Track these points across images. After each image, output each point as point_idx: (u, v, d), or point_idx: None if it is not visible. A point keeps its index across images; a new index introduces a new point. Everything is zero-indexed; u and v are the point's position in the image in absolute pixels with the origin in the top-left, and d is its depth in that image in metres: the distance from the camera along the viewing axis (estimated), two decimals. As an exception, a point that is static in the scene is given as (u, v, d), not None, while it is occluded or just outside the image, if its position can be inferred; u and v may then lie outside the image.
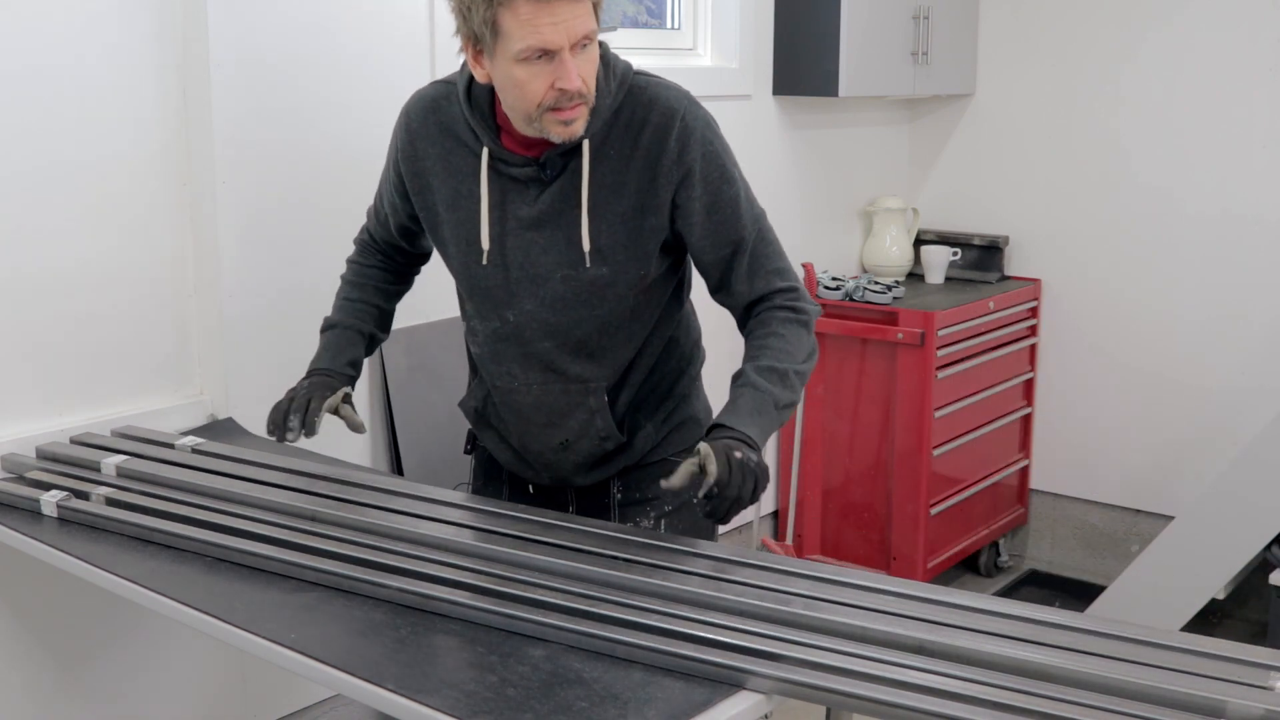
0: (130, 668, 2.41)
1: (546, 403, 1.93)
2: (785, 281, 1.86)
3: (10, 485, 2.06)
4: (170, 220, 2.40)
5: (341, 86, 2.55)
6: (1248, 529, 3.33)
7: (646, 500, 2.00)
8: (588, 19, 1.68)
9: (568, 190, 1.81)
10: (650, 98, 1.82)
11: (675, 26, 3.56)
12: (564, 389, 1.91)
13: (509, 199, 1.83)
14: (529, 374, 1.92)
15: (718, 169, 1.83)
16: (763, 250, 1.86)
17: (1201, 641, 1.41)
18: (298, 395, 1.96)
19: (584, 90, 1.71)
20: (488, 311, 1.91)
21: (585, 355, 1.89)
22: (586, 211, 1.80)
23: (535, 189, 1.82)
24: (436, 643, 1.52)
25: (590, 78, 1.72)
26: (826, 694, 1.36)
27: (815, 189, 3.95)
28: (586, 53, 1.70)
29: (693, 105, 1.84)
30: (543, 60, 1.67)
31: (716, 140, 1.85)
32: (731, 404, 1.77)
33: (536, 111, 1.72)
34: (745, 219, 1.85)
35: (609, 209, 1.81)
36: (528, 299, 1.86)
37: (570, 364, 1.90)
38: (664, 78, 1.87)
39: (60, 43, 2.19)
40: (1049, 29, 4.03)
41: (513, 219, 1.83)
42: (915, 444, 3.66)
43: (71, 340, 2.28)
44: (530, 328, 1.88)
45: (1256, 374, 3.75)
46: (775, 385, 1.77)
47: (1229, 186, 3.75)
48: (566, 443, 1.95)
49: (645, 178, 1.80)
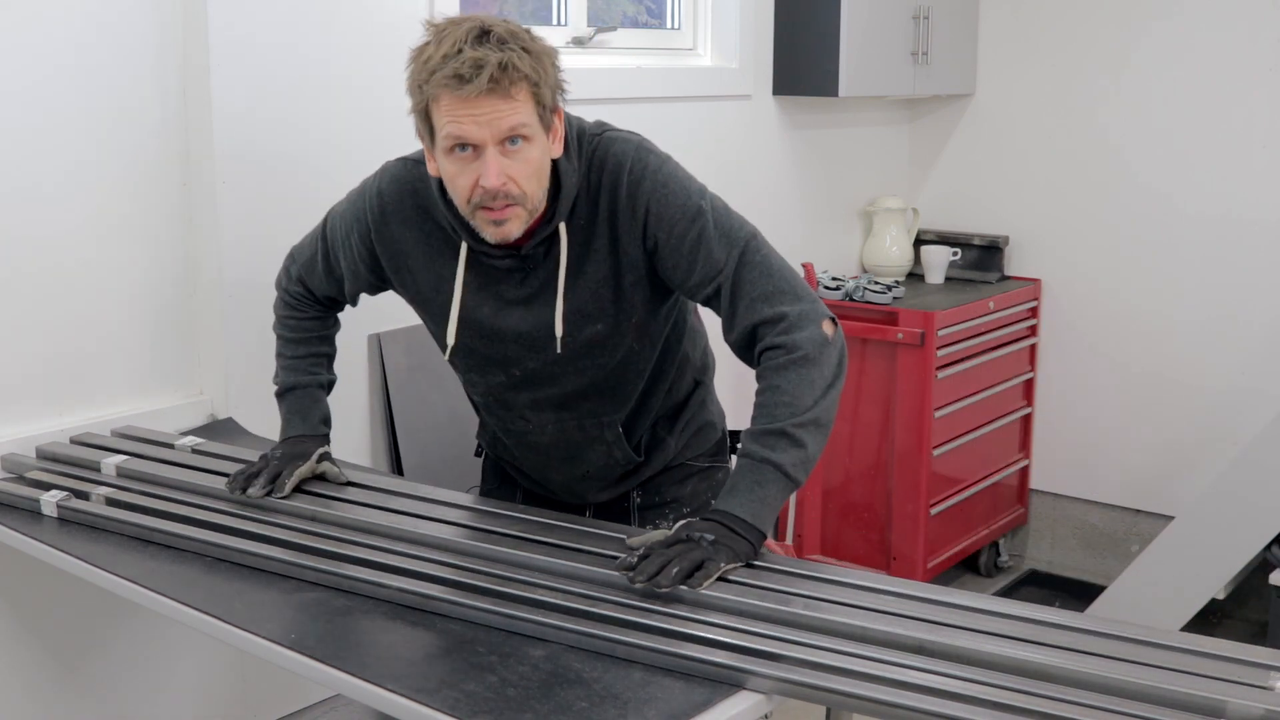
0: (130, 668, 2.41)
1: (562, 440, 1.93)
2: (772, 309, 1.72)
3: (10, 485, 2.06)
4: (170, 220, 2.40)
5: (342, 87, 2.55)
6: (1248, 529, 3.32)
7: (665, 504, 2.00)
8: (516, 114, 1.61)
9: (549, 274, 1.78)
10: (601, 158, 1.76)
11: (675, 26, 3.56)
12: (579, 426, 1.91)
13: (494, 281, 1.81)
14: (541, 416, 1.91)
15: (676, 208, 1.74)
16: (745, 275, 1.73)
17: (1201, 641, 1.41)
18: (269, 464, 1.92)
19: (509, 190, 1.64)
20: (489, 370, 1.90)
21: (596, 395, 1.88)
22: (562, 297, 1.77)
23: (518, 275, 1.80)
24: (437, 643, 1.52)
25: (525, 178, 1.65)
26: (826, 694, 1.36)
27: (815, 189, 3.95)
28: (520, 151, 1.63)
29: (640, 152, 1.77)
30: (469, 154, 1.64)
31: (669, 179, 1.76)
32: (730, 483, 1.67)
33: (469, 208, 1.68)
34: (719, 248, 1.74)
35: (590, 278, 1.78)
36: (530, 360, 1.85)
37: (582, 404, 1.89)
38: (617, 129, 1.82)
39: (60, 43, 2.19)
40: (1049, 29, 4.03)
41: (500, 299, 1.82)
42: (915, 444, 3.66)
43: (71, 340, 2.28)
44: (536, 379, 1.87)
45: (1256, 374, 3.75)
46: (774, 450, 1.65)
47: (1229, 187, 3.75)
48: (586, 474, 1.96)
49: (611, 239, 1.77)
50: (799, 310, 1.72)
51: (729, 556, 1.59)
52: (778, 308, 1.72)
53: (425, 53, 1.64)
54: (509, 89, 1.60)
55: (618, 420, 1.91)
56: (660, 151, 1.80)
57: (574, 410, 1.89)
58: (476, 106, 1.60)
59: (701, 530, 1.61)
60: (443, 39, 1.62)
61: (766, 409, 1.68)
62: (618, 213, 1.75)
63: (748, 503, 1.64)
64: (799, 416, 1.67)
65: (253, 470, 1.92)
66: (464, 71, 1.58)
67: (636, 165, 1.75)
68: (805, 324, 1.71)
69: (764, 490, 1.65)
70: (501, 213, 1.66)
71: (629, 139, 1.79)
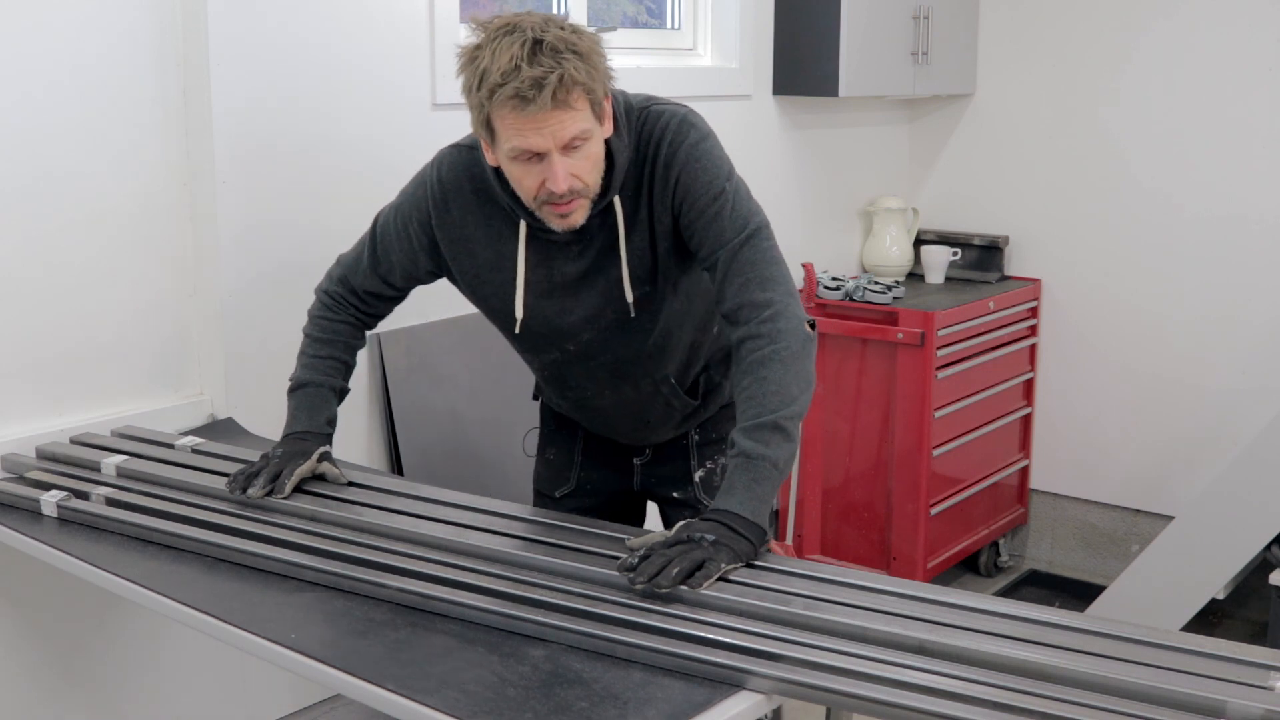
0: (130, 668, 2.41)
1: (620, 401, 2.02)
2: (762, 293, 1.75)
3: (10, 485, 2.06)
4: (170, 220, 2.40)
5: (342, 86, 2.55)
6: (1248, 529, 3.32)
7: (721, 439, 2.10)
8: (575, 123, 1.67)
9: (606, 246, 1.85)
10: (650, 130, 1.83)
11: (675, 26, 3.56)
12: (634, 386, 1.99)
13: (553, 258, 1.88)
14: (599, 384, 2.00)
15: (702, 183, 1.80)
16: (745, 256, 1.77)
17: (1201, 641, 1.41)
18: (270, 463, 1.93)
19: (574, 186, 1.72)
20: (543, 348, 1.97)
21: (647, 357, 1.95)
22: (626, 263, 1.84)
23: (575, 248, 1.87)
24: (436, 643, 1.52)
25: (588, 173, 1.73)
26: (826, 694, 1.36)
27: (815, 189, 3.95)
28: (581, 151, 1.71)
29: (683, 125, 1.82)
30: (533, 160, 1.70)
31: (703, 155, 1.81)
32: (727, 482, 1.68)
33: (535, 203, 1.76)
34: (729, 228, 1.79)
35: (636, 244, 1.85)
36: (584, 333, 1.92)
37: (635, 368, 1.96)
38: (664, 100, 1.87)
39: (60, 44, 2.19)
40: (1049, 29, 4.03)
41: (559, 274, 1.88)
42: (915, 444, 3.66)
43: (71, 340, 2.28)
44: (590, 351, 1.94)
45: (1256, 374, 3.75)
46: (768, 445, 1.67)
47: (1229, 187, 3.75)
48: (646, 423, 2.06)
49: (649, 205, 1.83)
50: (786, 303, 1.76)
51: (730, 557, 1.59)
52: (767, 293, 1.75)
53: (479, 62, 1.67)
54: (569, 100, 1.66)
55: (670, 375, 1.99)
56: (703, 127, 1.85)
57: (628, 374, 1.97)
58: (541, 121, 1.66)
59: (702, 530, 1.61)
60: (497, 51, 1.65)
61: (755, 400, 1.70)
62: (654, 180, 1.82)
63: (747, 501, 1.65)
64: (789, 408, 1.70)
65: (253, 470, 1.93)
66: (526, 93, 1.63)
67: (677, 137, 1.81)
68: (789, 317, 1.75)
69: (761, 487, 1.66)
70: (568, 206, 1.74)
71: (675, 111, 1.85)
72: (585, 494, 2.18)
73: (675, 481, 2.14)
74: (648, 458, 2.14)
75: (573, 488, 2.19)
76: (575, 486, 2.18)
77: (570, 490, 2.19)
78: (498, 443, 2.86)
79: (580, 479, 2.18)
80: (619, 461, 2.16)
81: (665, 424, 2.07)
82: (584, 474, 2.18)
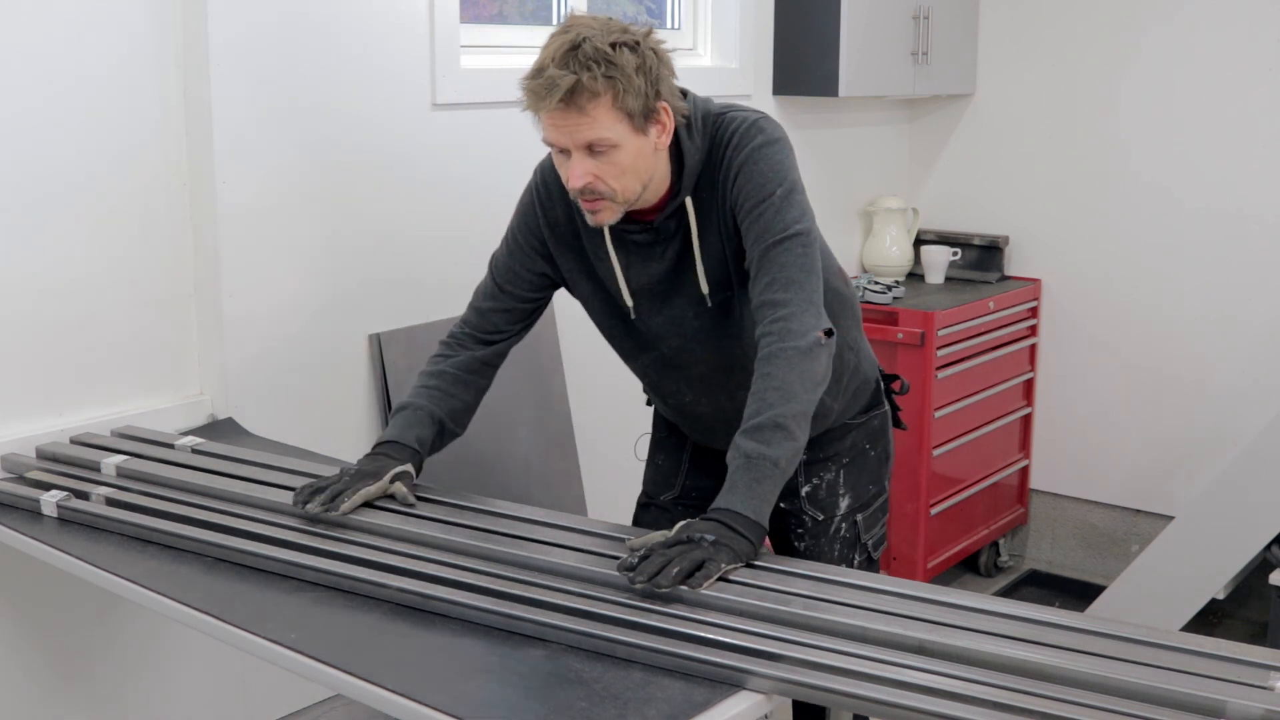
0: (130, 668, 2.41)
1: (719, 412, 2.02)
2: (784, 293, 1.77)
3: (10, 485, 2.06)
4: (170, 220, 2.40)
5: (342, 86, 2.55)
6: (1248, 529, 3.32)
7: (828, 459, 2.12)
8: (592, 130, 1.73)
9: (683, 248, 1.89)
10: (722, 134, 1.87)
11: (675, 26, 3.56)
12: (730, 397, 1.96)
13: (633, 260, 1.92)
14: (696, 393, 2.02)
15: (756, 184, 1.82)
16: (777, 257, 1.79)
17: (1201, 641, 1.41)
18: (339, 480, 1.87)
19: (595, 187, 1.77)
20: (641, 350, 2.01)
21: (740, 367, 1.92)
22: (701, 262, 1.87)
23: (657, 249, 1.90)
24: (436, 643, 1.52)
25: (614, 178, 1.77)
26: (826, 694, 1.36)
27: (815, 189, 3.88)
28: (608, 157, 1.76)
29: (752, 128, 1.86)
30: (564, 154, 1.79)
31: (764, 158, 1.83)
32: (728, 481, 1.68)
33: (571, 196, 1.83)
34: (772, 228, 1.80)
35: (713, 247, 1.88)
36: (672, 338, 1.95)
37: (729, 379, 1.96)
38: (742, 107, 1.91)
39: (60, 44, 2.19)
40: (1049, 29, 4.03)
41: (643, 276, 1.92)
42: (915, 444, 3.66)
43: (72, 340, 2.28)
44: (683, 357, 1.97)
45: (1256, 374, 3.75)
46: (769, 444, 1.68)
47: (1229, 186, 3.75)
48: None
49: (720, 206, 1.86)
50: (802, 308, 1.77)
51: (730, 556, 1.59)
52: (788, 294, 1.78)
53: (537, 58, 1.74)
54: (584, 106, 1.71)
55: None
56: (773, 132, 1.87)
57: (721, 384, 1.98)
58: (559, 118, 1.74)
59: (702, 530, 1.61)
60: (546, 47, 1.74)
61: (758, 397, 1.72)
62: (722, 181, 1.85)
63: (748, 500, 1.65)
64: (789, 405, 1.70)
65: (320, 485, 1.87)
66: (539, 90, 1.72)
67: (744, 139, 1.85)
68: (804, 319, 1.76)
69: (762, 487, 1.66)
70: (592, 204, 1.81)
71: (747, 115, 1.88)
72: (690, 501, 2.18)
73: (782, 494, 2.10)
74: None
75: (678, 493, 2.21)
76: (680, 493, 2.21)
77: (676, 495, 2.21)
78: (498, 443, 2.86)
79: (686, 486, 2.20)
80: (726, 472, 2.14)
81: None
82: (689, 481, 2.20)
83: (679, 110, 1.83)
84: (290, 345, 2.52)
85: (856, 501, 2.14)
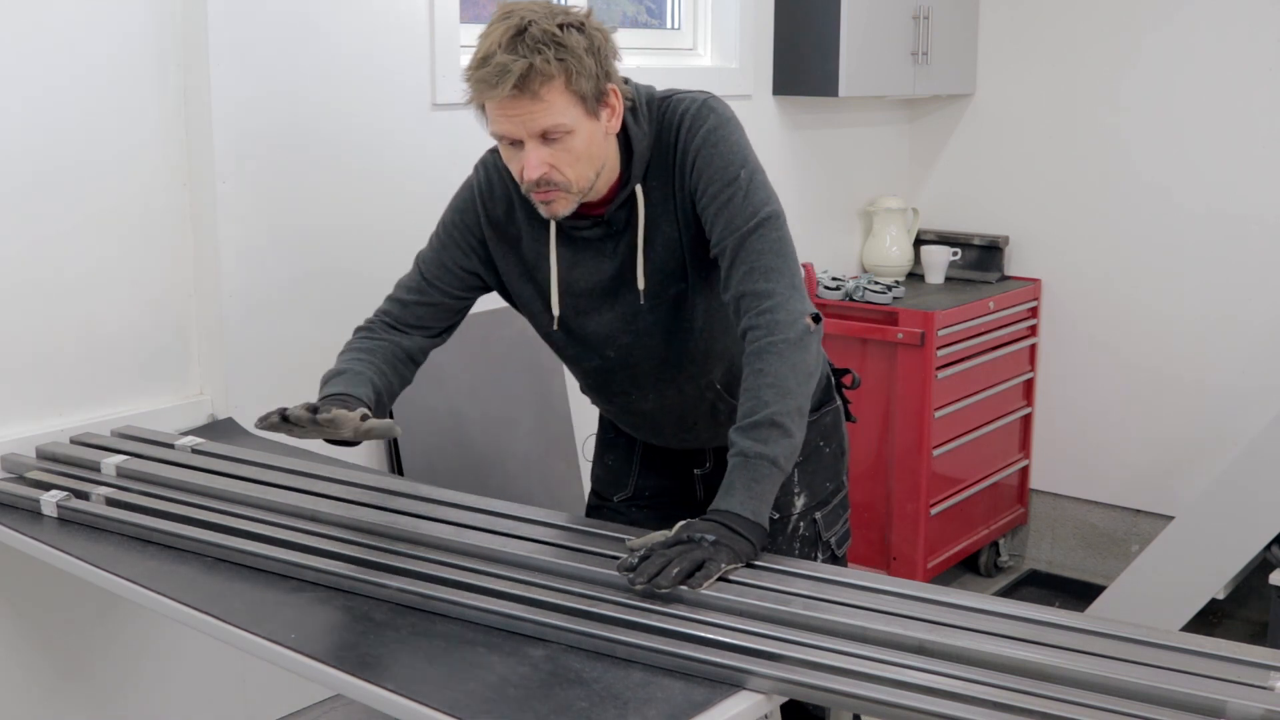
0: (130, 668, 2.41)
1: (664, 406, 1.99)
2: (766, 283, 1.74)
3: (10, 485, 2.06)
4: (170, 220, 2.40)
5: (342, 86, 2.55)
6: (1248, 529, 3.32)
7: None
8: (547, 115, 1.68)
9: (635, 237, 1.83)
10: (670, 118, 1.82)
11: (675, 26, 3.56)
12: (679, 391, 1.95)
13: (582, 259, 1.87)
14: (643, 389, 1.97)
15: (718, 168, 1.78)
16: (753, 245, 1.75)
17: (1201, 641, 1.41)
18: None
19: (551, 178, 1.72)
20: (585, 355, 1.95)
21: (689, 361, 1.91)
22: (643, 256, 1.83)
23: (609, 244, 1.85)
24: (436, 643, 1.52)
25: (568, 166, 1.72)
26: (826, 694, 1.36)
27: (815, 189, 3.95)
28: (563, 144, 1.71)
29: (702, 109, 1.81)
30: (515, 146, 1.73)
31: (721, 140, 1.79)
32: (726, 481, 1.67)
33: (524, 189, 1.77)
34: (740, 215, 1.76)
35: (666, 236, 1.83)
36: (623, 336, 1.90)
37: (678, 373, 1.93)
38: (685, 90, 1.86)
39: (60, 44, 2.19)
40: (1049, 29, 4.03)
41: (594, 274, 1.87)
42: (915, 444, 3.66)
43: (72, 340, 2.28)
44: (633, 355, 1.92)
45: (1256, 374, 3.75)
46: (766, 443, 1.66)
47: (1229, 186, 3.75)
48: (694, 428, 2.02)
49: (676, 195, 1.82)
50: (787, 295, 1.74)
51: (730, 557, 1.59)
52: (769, 284, 1.74)
53: (477, 48, 1.70)
54: (537, 91, 1.66)
55: (715, 380, 1.95)
56: (723, 111, 1.83)
57: (672, 379, 1.94)
58: (510, 107, 1.68)
59: (702, 530, 1.61)
60: (488, 35, 1.68)
61: (752, 395, 1.70)
62: (676, 166, 1.81)
63: (747, 500, 1.64)
64: (785, 402, 1.68)
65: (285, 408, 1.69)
66: (490, 78, 1.65)
67: (696, 121, 1.80)
68: (788, 309, 1.73)
69: (761, 487, 1.66)
70: (547, 195, 1.75)
71: (695, 97, 1.83)
72: (643, 501, 2.16)
73: None
74: (708, 470, 2.10)
75: (630, 494, 2.17)
76: (633, 493, 2.17)
77: (628, 496, 2.17)
78: (498, 443, 2.86)
79: (639, 486, 2.17)
80: (679, 471, 2.13)
81: (713, 429, 2.02)
82: (641, 481, 2.17)
83: (625, 94, 1.78)
84: (290, 345, 2.52)
85: (813, 499, 2.07)
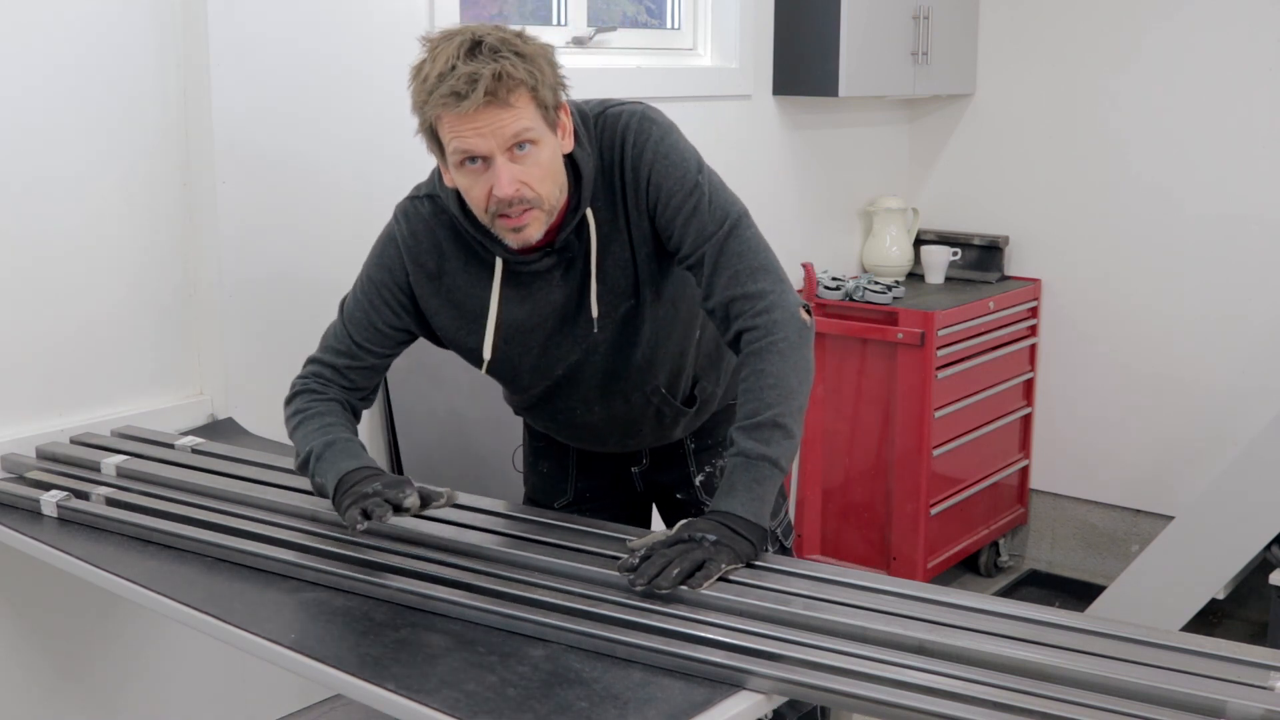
0: (130, 668, 2.41)
1: (610, 416, 1.96)
2: (755, 285, 1.72)
3: (10, 485, 2.06)
4: (170, 220, 2.40)
5: (341, 87, 2.55)
6: (1248, 529, 3.32)
7: (718, 444, 2.07)
8: (518, 120, 1.62)
9: (588, 264, 1.80)
10: (611, 136, 1.78)
11: (675, 26, 3.56)
12: (625, 400, 1.94)
13: (535, 288, 1.81)
14: (589, 403, 1.94)
15: (674, 179, 1.75)
16: (731, 248, 1.74)
17: (1201, 641, 1.41)
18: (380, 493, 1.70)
19: (524, 194, 1.65)
20: (531, 384, 1.92)
21: (635, 370, 1.90)
22: (596, 280, 1.79)
23: (559, 272, 1.81)
24: (436, 643, 1.52)
25: (538, 181, 1.66)
26: (826, 694, 1.36)
27: (815, 189, 3.95)
28: (528, 155, 1.65)
29: (643, 123, 1.77)
30: (479, 166, 1.65)
31: (670, 150, 1.77)
32: (727, 481, 1.66)
33: (487, 217, 1.70)
34: (710, 221, 1.75)
35: (617, 255, 1.80)
36: (572, 356, 1.87)
37: (624, 382, 1.92)
38: (619, 101, 1.82)
39: (60, 44, 2.19)
40: (1049, 29, 4.03)
41: (545, 306, 1.82)
42: (915, 444, 3.66)
43: (72, 341, 2.28)
44: (581, 373, 1.90)
45: (1256, 374, 3.75)
46: (768, 443, 1.66)
47: (1229, 186, 3.75)
48: (639, 433, 2.01)
49: (625, 213, 1.79)
50: (780, 292, 1.74)
51: (730, 557, 1.59)
52: (759, 284, 1.73)
53: (422, 71, 1.65)
54: (507, 97, 1.61)
55: (660, 385, 1.94)
56: (663, 120, 1.81)
57: (618, 389, 1.92)
58: (478, 120, 1.61)
59: (703, 530, 1.61)
60: (437, 56, 1.62)
61: (754, 395, 1.69)
62: (625, 186, 1.78)
63: (748, 501, 1.64)
64: (788, 403, 1.68)
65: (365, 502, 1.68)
66: (459, 88, 1.59)
67: (640, 137, 1.77)
68: (784, 307, 1.73)
69: (762, 488, 1.66)
70: (520, 219, 1.68)
71: (632, 110, 1.80)
72: (585, 502, 2.14)
73: (676, 485, 2.12)
74: (645, 466, 2.11)
75: (571, 498, 2.15)
76: (574, 497, 2.15)
77: (570, 500, 2.15)
78: (498, 443, 2.86)
79: (579, 489, 2.14)
80: (616, 471, 2.12)
81: (657, 432, 2.02)
82: (581, 484, 2.14)
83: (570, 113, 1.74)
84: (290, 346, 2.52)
85: None
